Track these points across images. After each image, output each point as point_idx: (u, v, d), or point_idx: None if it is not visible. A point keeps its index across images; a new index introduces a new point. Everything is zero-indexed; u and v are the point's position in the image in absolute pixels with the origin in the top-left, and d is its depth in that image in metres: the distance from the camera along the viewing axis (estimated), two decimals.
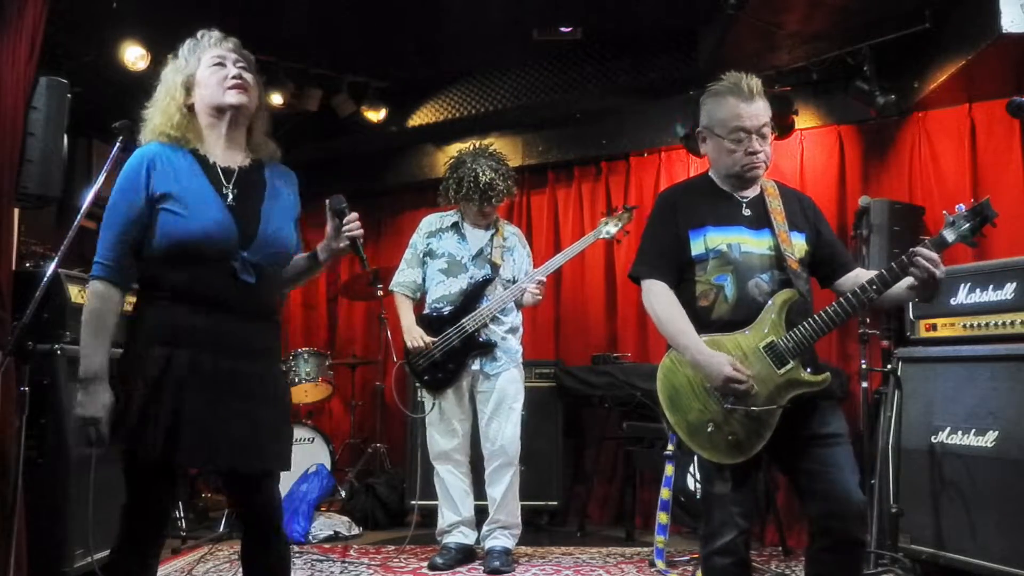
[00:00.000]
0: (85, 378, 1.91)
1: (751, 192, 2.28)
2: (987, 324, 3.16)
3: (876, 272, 2.11)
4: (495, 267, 3.78)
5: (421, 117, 5.44)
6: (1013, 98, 2.19)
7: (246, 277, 1.95)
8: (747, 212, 2.25)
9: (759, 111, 2.20)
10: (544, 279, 3.81)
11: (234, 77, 2.00)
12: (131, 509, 1.96)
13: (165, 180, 1.95)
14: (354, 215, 2.10)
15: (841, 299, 2.11)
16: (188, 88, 2.03)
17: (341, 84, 5.16)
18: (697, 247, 2.21)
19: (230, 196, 1.99)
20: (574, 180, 5.49)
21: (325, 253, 2.14)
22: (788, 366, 2.10)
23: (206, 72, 2.01)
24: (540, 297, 3.82)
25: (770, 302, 2.15)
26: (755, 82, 2.23)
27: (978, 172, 4.14)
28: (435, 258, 3.83)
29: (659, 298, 2.22)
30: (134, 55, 4.29)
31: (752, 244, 2.20)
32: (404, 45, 4.81)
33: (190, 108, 2.04)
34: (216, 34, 2.07)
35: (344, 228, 2.08)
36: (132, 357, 1.94)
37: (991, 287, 3.17)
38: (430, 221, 3.94)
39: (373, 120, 5.29)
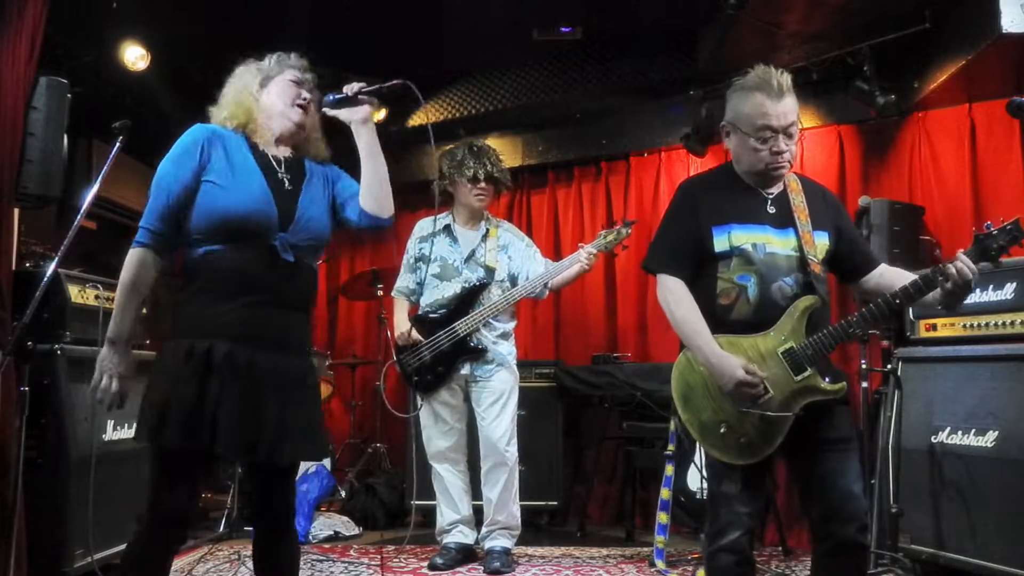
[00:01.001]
0: (114, 340, 1.98)
1: (775, 188, 2.21)
2: (987, 324, 3.16)
3: (906, 284, 2.06)
4: (490, 271, 3.75)
5: (421, 117, 5.44)
6: (1013, 98, 2.19)
7: (286, 256, 2.00)
8: (771, 209, 2.18)
9: (787, 109, 2.13)
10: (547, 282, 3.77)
11: (304, 98, 2.20)
12: (154, 500, 1.98)
13: (217, 154, 2.06)
14: (351, 85, 2.21)
15: (864, 310, 2.08)
16: (263, 86, 2.20)
17: (341, 84, 5.15)
18: (721, 244, 2.14)
19: (286, 181, 2.10)
20: (574, 180, 5.49)
21: (361, 139, 2.25)
22: (805, 373, 2.07)
23: (282, 83, 2.19)
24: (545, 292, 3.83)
25: (791, 307, 2.10)
26: (785, 78, 2.14)
27: (978, 172, 4.14)
28: (428, 263, 3.81)
29: (675, 295, 2.16)
30: (134, 55, 4.28)
31: (777, 244, 2.14)
32: (404, 45, 4.81)
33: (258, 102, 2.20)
34: (304, 61, 2.28)
35: (350, 95, 2.20)
36: (172, 348, 1.96)
37: (991, 287, 3.17)
38: (422, 225, 3.93)
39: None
